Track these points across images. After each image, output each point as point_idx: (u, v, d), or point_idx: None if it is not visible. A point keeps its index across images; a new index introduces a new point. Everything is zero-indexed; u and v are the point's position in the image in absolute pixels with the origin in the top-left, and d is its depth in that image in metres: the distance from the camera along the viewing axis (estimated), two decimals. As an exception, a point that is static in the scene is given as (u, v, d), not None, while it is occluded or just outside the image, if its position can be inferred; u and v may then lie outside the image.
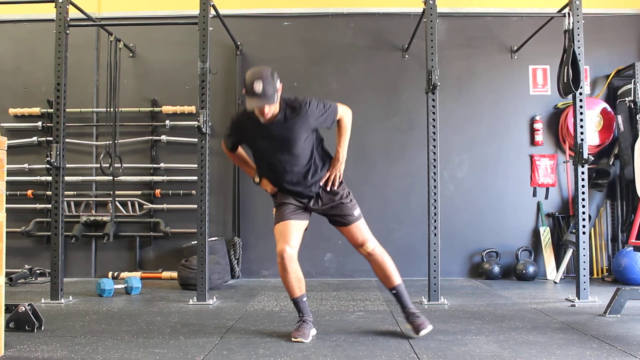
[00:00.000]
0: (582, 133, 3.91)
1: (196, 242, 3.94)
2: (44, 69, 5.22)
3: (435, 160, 3.86)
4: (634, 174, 4.59)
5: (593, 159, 4.00)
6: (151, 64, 5.46)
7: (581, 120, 3.92)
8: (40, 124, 5.34)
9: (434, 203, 3.83)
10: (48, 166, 4.71)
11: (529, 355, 2.47)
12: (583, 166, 3.91)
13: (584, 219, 3.91)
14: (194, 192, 5.13)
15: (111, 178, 4.85)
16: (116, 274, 5.14)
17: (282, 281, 2.87)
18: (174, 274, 4.93)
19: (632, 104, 5.04)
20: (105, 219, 5.18)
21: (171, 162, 5.34)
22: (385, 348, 2.62)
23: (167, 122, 5.30)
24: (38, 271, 5.01)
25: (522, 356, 2.45)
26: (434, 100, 3.88)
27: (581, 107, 3.93)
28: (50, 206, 4.55)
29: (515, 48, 5.32)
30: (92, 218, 5.23)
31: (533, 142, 5.30)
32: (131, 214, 5.24)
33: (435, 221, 3.83)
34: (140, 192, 5.29)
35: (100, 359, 2.46)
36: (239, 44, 5.35)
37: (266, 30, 5.43)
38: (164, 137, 5.33)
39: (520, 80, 5.37)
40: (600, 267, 5.20)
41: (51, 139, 4.35)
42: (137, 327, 3.13)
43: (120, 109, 5.00)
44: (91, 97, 5.42)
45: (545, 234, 5.20)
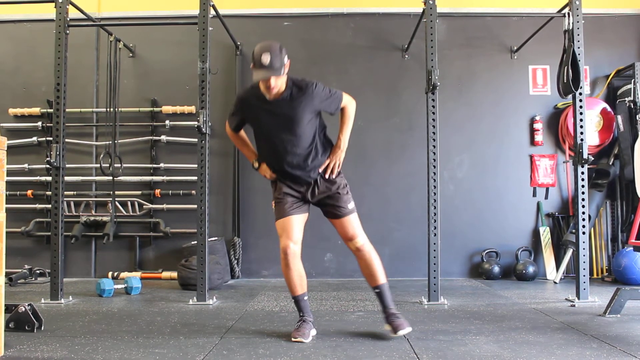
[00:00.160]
0: (582, 133, 3.91)
1: (196, 242, 3.94)
2: (44, 69, 5.22)
3: (435, 160, 3.86)
4: (633, 174, 4.58)
5: (593, 159, 3.99)
6: (151, 64, 5.46)
7: (581, 120, 3.92)
8: (40, 124, 5.34)
9: (434, 203, 3.84)
10: (48, 166, 4.71)
11: (529, 355, 2.47)
12: (583, 166, 3.91)
13: (583, 219, 3.91)
14: (194, 192, 5.13)
15: (111, 178, 4.85)
16: (116, 274, 5.14)
17: (284, 278, 2.88)
18: (174, 274, 4.94)
19: (632, 104, 5.04)
20: (105, 219, 5.18)
21: (171, 162, 5.34)
22: (385, 348, 2.62)
23: (167, 122, 5.30)
24: (38, 271, 5.01)
25: (522, 356, 2.45)
26: (434, 100, 3.88)
27: (581, 107, 3.93)
28: (50, 206, 4.55)
29: (515, 48, 5.32)
30: (92, 218, 5.23)
31: (533, 142, 5.30)
32: (131, 214, 5.24)
33: (435, 221, 3.83)
34: (140, 192, 5.29)
35: (100, 359, 2.46)
36: (239, 44, 5.35)
37: (266, 30, 5.42)
38: (163, 137, 5.33)
39: (520, 80, 5.37)
40: (600, 267, 5.20)
41: (51, 139, 4.35)
42: (137, 327, 3.13)
43: (120, 109, 5.00)
44: (91, 97, 5.42)
45: (545, 234, 5.20)
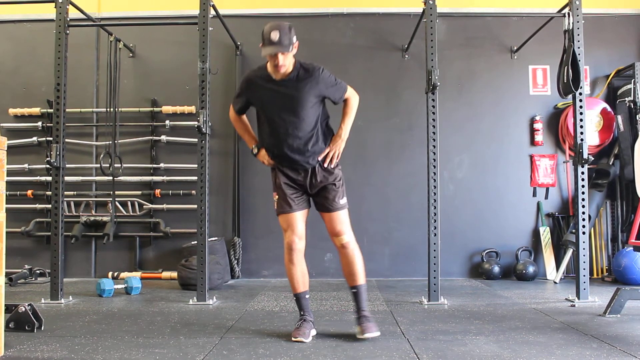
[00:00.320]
0: (582, 133, 3.91)
1: (196, 242, 3.94)
2: (44, 69, 5.23)
3: (435, 160, 3.86)
4: (634, 174, 4.58)
5: (593, 159, 4.00)
6: (151, 64, 5.46)
7: (581, 120, 3.92)
8: (40, 124, 5.34)
9: (434, 203, 3.84)
10: (48, 166, 4.71)
11: (529, 355, 2.47)
12: (583, 166, 3.91)
13: (583, 219, 3.91)
14: (194, 192, 5.13)
15: (111, 178, 4.86)
16: (116, 274, 5.14)
17: (286, 274, 2.91)
18: (174, 274, 4.94)
19: (632, 104, 5.04)
20: (105, 219, 5.18)
21: (171, 162, 5.34)
22: (385, 348, 2.62)
23: (167, 122, 5.30)
24: (38, 271, 5.01)
25: (522, 356, 2.45)
26: (434, 100, 3.88)
27: (581, 107, 3.93)
28: (50, 206, 4.55)
29: (515, 48, 5.32)
30: (92, 218, 5.23)
31: (533, 142, 5.30)
32: (131, 214, 5.24)
33: (435, 221, 3.83)
34: (140, 192, 5.29)
35: (100, 359, 2.46)
36: (239, 44, 5.35)
37: (266, 30, 5.41)
38: (164, 137, 5.33)
39: (520, 80, 5.37)
40: (600, 267, 5.20)
41: (51, 139, 4.35)
42: (137, 327, 3.13)
43: (120, 109, 5.00)
44: (91, 97, 5.42)
45: (545, 234, 5.20)
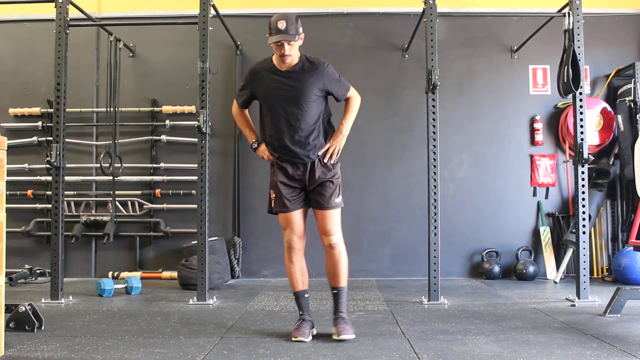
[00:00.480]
0: (582, 133, 3.91)
1: (196, 242, 3.95)
2: (44, 69, 5.22)
3: (435, 160, 3.86)
4: (634, 173, 4.58)
5: (593, 158, 3.99)
6: (151, 64, 5.45)
7: (581, 120, 3.92)
8: (40, 124, 5.34)
9: (434, 203, 3.84)
10: (48, 166, 4.70)
11: (529, 355, 2.47)
12: (583, 166, 3.91)
13: (584, 219, 3.91)
14: (194, 192, 5.13)
15: (111, 178, 4.85)
16: (116, 273, 5.14)
17: (286, 273, 2.93)
18: (174, 274, 4.94)
19: (632, 104, 5.04)
20: (105, 218, 5.18)
21: (171, 162, 5.33)
22: (385, 348, 2.62)
23: (167, 122, 5.30)
24: (38, 271, 5.01)
25: (522, 356, 2.45)
26: (434, 100, 3.88)
27: (581, 106, 3.93)
28: (50, 206, 4.55)
29: (515, 48, 5.32)
30: (92, 218, 5.23)
31: (533, 142, 5.30)
32: (131, 213, 5.24)
33: (435, 221, 3.83)
34: (140, 192, 5.29)
35: (100, 359, 2.46)
36: (239, 43, 5.35)
37: (266, 30, 5.38)
38: (164, 137, 5.33)
39: (520, 80, 5.37)
40: (600, 266, 5.19)
41: (51, 139, 4.35)
42: (137, 327, 3.13)
43: (120, 109, 5.00)
44: (91, 97, 5.42)
45: (545, 233, 5.20)
